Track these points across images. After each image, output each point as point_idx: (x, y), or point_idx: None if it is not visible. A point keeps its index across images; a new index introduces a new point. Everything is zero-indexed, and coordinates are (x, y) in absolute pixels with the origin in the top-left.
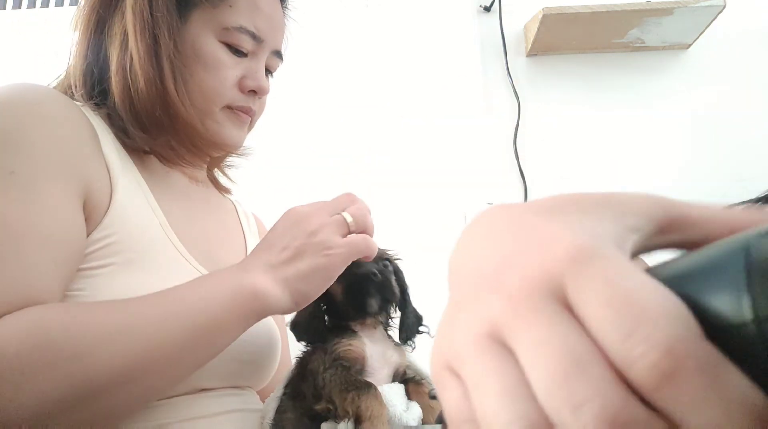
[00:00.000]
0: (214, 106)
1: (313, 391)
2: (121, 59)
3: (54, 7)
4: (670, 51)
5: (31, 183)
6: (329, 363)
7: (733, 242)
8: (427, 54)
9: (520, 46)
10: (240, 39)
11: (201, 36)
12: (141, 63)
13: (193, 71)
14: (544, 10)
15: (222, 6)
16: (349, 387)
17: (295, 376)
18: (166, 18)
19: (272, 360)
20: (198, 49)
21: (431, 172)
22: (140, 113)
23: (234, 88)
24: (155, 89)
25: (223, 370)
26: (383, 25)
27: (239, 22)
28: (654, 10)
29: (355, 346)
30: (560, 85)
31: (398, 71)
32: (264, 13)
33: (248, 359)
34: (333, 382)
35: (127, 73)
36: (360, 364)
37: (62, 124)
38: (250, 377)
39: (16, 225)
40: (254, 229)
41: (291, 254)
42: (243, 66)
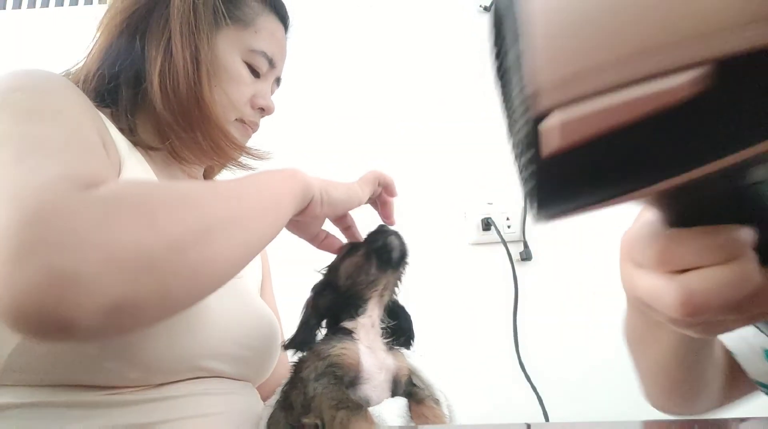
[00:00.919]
0: (231, 116)
1: (303, 400)
2: (163, 63)
3: (54, 7)
4: None
5: (77, 119)
6: (321, 369)
7: None
8: (427, 54)
9: None
10: (259, 61)
11: (229, 52)
12: (183, 66)
13: (223, 81)
14: None
15: (249, 30)
16: (340, 405)
17: (287, 384)
18: (206, 29)
19: (273, 350)
20: (225, 62)
21: (431, 171)
22: (178, 113)
23: (247, 105)
24: (192, 92)
25: (225, 352)
26: (383, 25)
27: (262, 47)
28: None
29: (349, 350)
30: None
31: (398, 71)
32: (278, 43)
33: (252, 345)
34: (324, 396)
35: (167, 75)
36: (354, 371)
37: (79, 92)
38: (250, 364)
39: (83, 139)
40: None
41: (334, 186)
42: (256, 86)
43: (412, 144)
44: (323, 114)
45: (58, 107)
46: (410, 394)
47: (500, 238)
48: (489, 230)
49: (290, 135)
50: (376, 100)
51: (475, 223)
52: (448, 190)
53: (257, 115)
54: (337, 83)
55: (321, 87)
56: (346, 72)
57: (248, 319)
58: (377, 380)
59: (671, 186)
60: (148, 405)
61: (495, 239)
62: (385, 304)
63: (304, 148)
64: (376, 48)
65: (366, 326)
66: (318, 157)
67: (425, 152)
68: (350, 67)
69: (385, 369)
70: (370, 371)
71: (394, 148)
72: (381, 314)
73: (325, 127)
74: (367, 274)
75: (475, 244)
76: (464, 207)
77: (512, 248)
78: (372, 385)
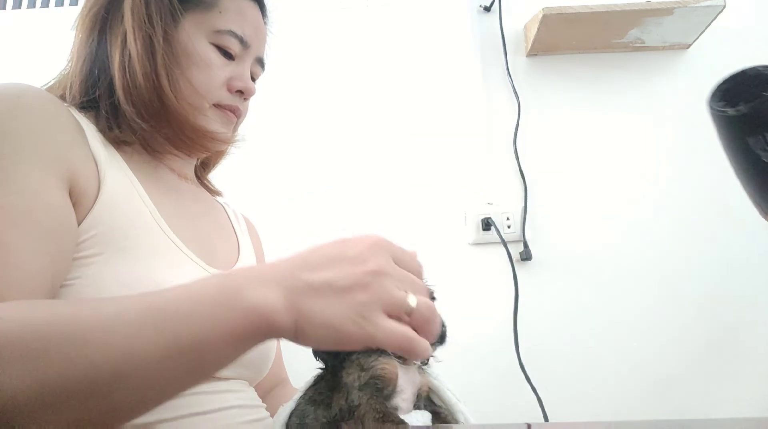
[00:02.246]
0: (204, 102)
1: (345, 405)
2: (121, 57)
3: (54, 7)
4: (670, 51)
5: (11, 167)
6: (365, 380)
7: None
8: (426, 54)
9: (520, 46)
10: (229, 42)
11: (193, 37)
12: (138, 60)
13: (186, 69)
14: (544, 10)
15: (213, 11)
16: (385, 419)
17: (319, 382)
18: (159, 20)
19: (270, 351)
20: (190, 48)
21: (431, 172)
22: (140, 106)
23: (222, 88)
24: (151, 83)
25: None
26: (383, 25)
27: (228, 26)
28: (654, 10)
29: (391, 366)
30: (560, 85)
31: (398, 71)
32: (250, 21)
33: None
34: (369, 406)
35: (127, 70)
36: (393, 385)
37: (42, 114)
38: (248, 365)
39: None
40: (245, 228)
41: (326, 288)
42: (231, 69)
43: (412, 144)
44: (322, 114)
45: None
46: (433, 413)
47: (500, 238)
48: (489, 230)
49: (289, 135)
50: (376, 99)
51: (475, 223)
52: (448, 190)
53: (237, 99)
54: (337, 83)
55: (320, 87)
56: (345, 72)
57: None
58: (407, 393)
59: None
60: None
61: (495, 239)
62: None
63: (303, 148)
64: (376, 48)
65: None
66: (317, 158)
67: (425, 152)
68: (350, 68)
69: (413, 383)
70: (403, 386)
71: (394, 148)
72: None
73: (324, 127)
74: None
75: (475, 244)
76: (464, 207)
77: (512, 248)
78: (402, 398)
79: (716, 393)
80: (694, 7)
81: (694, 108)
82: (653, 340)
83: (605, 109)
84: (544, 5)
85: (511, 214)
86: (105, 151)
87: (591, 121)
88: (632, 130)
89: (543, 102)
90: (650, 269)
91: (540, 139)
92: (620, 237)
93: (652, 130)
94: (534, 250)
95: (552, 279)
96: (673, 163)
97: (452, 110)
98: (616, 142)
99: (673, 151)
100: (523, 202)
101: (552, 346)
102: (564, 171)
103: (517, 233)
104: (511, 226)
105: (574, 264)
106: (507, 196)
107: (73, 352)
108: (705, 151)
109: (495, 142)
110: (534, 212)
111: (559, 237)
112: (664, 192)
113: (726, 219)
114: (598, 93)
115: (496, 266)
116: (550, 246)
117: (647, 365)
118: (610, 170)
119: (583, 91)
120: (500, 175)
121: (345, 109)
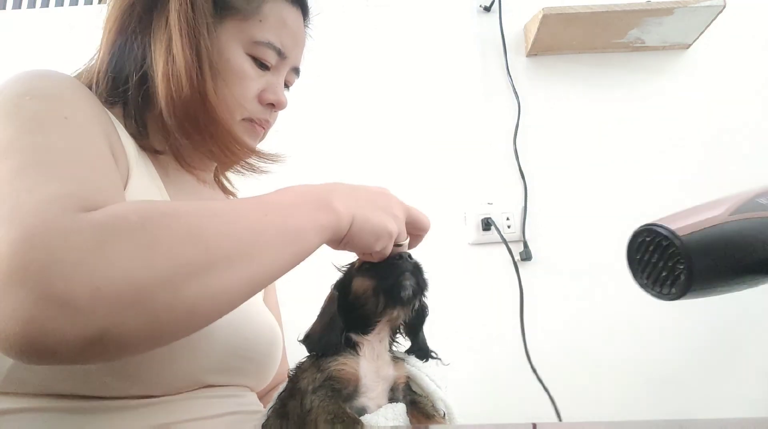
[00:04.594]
0: (237, 115)
1: (299, 411)
2: (166, 65)
3: (54, 7)
4: (670, 51)
5: (83, 127)
6: (320, 382)
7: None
8: (426, 54)
9: (520, 46)
10: (266, 53)
11: (230, 46)
12: (186, 68)
13: (223, 79)
14: (544, 10)
15: (253, 20)
16: (336, 419)
17: (285, 392)
18: (206, 26)
19: (273, 358)
20: (226, 58)
21: (431, 171)
22: (182, 118)
23: (254, 101)
24: (198, 93)
25: (226, 365)
26: (383, 24)
27: (267, 38)
28: (654, 10)
29: (349, 366)
30: (560, 85)
31: (398, 71)
32: (290, 30)
33: (250, 356)
34: (320, 408)
35: (170, 76)
36: (353, 384)
37: (88, 94)
38: (251, 375)
39: (85, 153)
40: None
41: (369, 200)
42: (265, 80)
43: (412, 144)
44: (322, 114)
45: (65, 114)
46: (412, 402)
47: (500, 238)
48: (489, 230)
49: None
50: (376, 99)
51: (475, 223)
52: (448, 190)
53: (267, 112)
54: (336, 83)
55: (320, 86)
56: (345, 72)
57: (249, 330)
58: (375, 392)
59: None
60: (147, 410)
61: (495, 239)
62: (396, 326)
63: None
64: (376, 48)
65: (372, 342)
66: (317, 158)
67: (425, 152)
68: (350, 68)
69: (383, 379)
70: (369, 385)
71: (394, 148)
72: (390, 332)
73: (324, 127)
74: (375, 306)
75: (475, 244)
76: (464, 207)
77: (512, 248)
78: (369, 397)
79: (716, 393)
80: (694, 7)
81: (693, 108)
82: (653, 340)
83: (605, 109)
84: (544, 5)
85: (511, 214)
86: (135, 150)
87: (591, 120)
88: (632, 130)
89: (543, 102)
90: None
91: (540, 139)
92: (620, 237)
93: (652, 129)
94: (534, 250)
95: (552, 279)
96: (672, 163)
97: (452, 110)
98: (616, 142)
99: (672, 150)
100: (523, 202)
101: (554, 346)
102: (564, 171)
103: (517, 233)
104: (511, 226)
105: (574, 264)
106: (507, 196)
107: (216, 229)
108: (705, 151)
109: (495, 142)
110: (534, 212)
111: (559, 237)
112: (663, 191)
113: None
114: (598, 93)
115: (496, 266)
116: (550, 246)
117: (647, 365)
118: (610, 170)
119: (583, 91)
120: (500, 175)
121: (344, 109)
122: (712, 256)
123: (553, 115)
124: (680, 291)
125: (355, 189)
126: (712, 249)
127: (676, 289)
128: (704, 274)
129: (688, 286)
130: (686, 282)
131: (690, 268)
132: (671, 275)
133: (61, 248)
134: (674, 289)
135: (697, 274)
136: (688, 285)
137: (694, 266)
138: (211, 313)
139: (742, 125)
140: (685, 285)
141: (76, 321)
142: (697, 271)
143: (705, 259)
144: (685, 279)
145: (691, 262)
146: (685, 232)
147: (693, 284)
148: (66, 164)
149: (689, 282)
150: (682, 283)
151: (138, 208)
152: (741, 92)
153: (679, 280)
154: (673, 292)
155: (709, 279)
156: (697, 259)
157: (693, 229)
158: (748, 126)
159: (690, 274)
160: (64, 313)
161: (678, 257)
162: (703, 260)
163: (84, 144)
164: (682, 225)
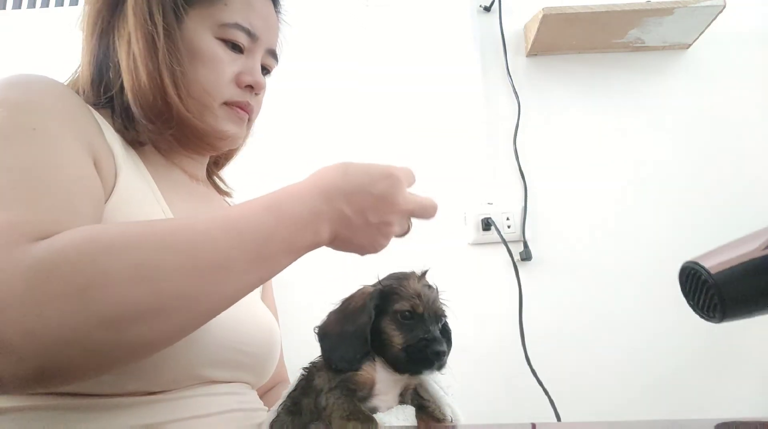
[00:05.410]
0: (213, 101)
1: (314, 409)
2: (127, 58)
3: (54, 7)
4: (670, 51)
5: (53, 138)
6: (335, 382)
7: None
8: (426, 54)
9: (520, 46)
10: (236, 35)
11: (198, 33)
12: (142, 61)
13: (192, 67)
14: (544, 10)
15: (218, 4)
16: (351, 416)
17: (297, 389)
18: (161, 18)
19: (272, 355)
20: (196, 45)
21: (431, 172)
22: (146, 107)
23: (231, 84)
24: (155, 84)
25: (224, 358)
26: (383, 24)
27: (234, 19)
28: (654, 10)
29: (366, 371)
30: (560, 85)
31: (398, 71)
32: (258, 11)
33: (250, 351)
34: (335, 406)
35: (133, 71)
36: (368, 388)
37: (72, 100)
38: (250, 370)
39: (45, 171)
40: None
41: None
42: (239, 63)
43: (412, 144)
44: (321, 114)
45: (34, 125)
46: (420, 407)
47: (500, 238)
48: (489, 230)
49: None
50: (376, 99)
51: (474, 223)
52: (448, 190)
53: (247, 95)
54: (336, 83)
55: (320, 86)
56: (345, 72)
57: (247, 325)
58: (388, 395)
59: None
60: (146, 407)
61: (495, 239)
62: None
63: (302, 147)
64: (376, 48)
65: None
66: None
67: (425, 152)
68: (350, 68)
69: (396, 386)
70: (382, 389)
71: (394, 148)
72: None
73: (324, 127)
74: (403, 363)
75: (474, 244)
76: (464, 207)
77: (512, 248)
78: (381, 399)
79: (716, 393)
80: (694, 7)
81: (693, 108)
82: (653, 341)
83: (605, 109)
84: (544, 5)
85: (511, 214)
86: (122, 149)
87: (591, 120)
88: (632, 130)
89: (543, 102)
90: (649, 269)
91: (540, 139)
92: (620, 237)
93: (652, 129)
94: (534, 250)
95: (552, 279)
96: (672, 162)
97: (452, 110)
98: (616, 142)
99: (672, 150)
100: (523, 202)
101: (553, 346)
102: (564, 171)
103: (517, 233)
104: (511, 226)
105: (574, 264)
106: (507, 196)
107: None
108: (705, 151)
109: (495, 142)
110: (534, 212)
111: (559, 237)
112: (663, 191)
113: (726, 218)
114: (598, 93)
115: (496, 266)
116: (550, 246)
117: (647, 365)
118: (610, 170)
119: (583, 91)
120: (500, 175)
121: (344, 109)
122: (742, 289)
123: (553, 115)
124: (719, 317)
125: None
126: (743, 282)
127: (716, 315)
128: (736, 303)
129: (723, 314)
130: (721, 310)
131: (722, 300)
132: (712, 303)
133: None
134: (716, 314)
135: (729, 304)
136: (723, 313)
137: (725, 298)
138: (163, 346)
139: (742, 125)
140: (721, 312)
141: (11, 361)
142: (729, 302)
143: (735, 291)
144: (720, 308)
145: (721, 294)
146: (718, 268)
147: (727, 311)
148: (21, 186)
149: (723, 310)
150: (719, 311)
151: (82, 241)
152: (741, 92)
153: (718, 308)
154: (716, 317)
155: (741, 307)
156: (728, 292)
157: (725, 267)
158: (748, 126)
159: (723, 304)
160: (0, 354)
161: (712, 291)
162: (733, 293)
163: (48, 158)
164: (716, 262)
